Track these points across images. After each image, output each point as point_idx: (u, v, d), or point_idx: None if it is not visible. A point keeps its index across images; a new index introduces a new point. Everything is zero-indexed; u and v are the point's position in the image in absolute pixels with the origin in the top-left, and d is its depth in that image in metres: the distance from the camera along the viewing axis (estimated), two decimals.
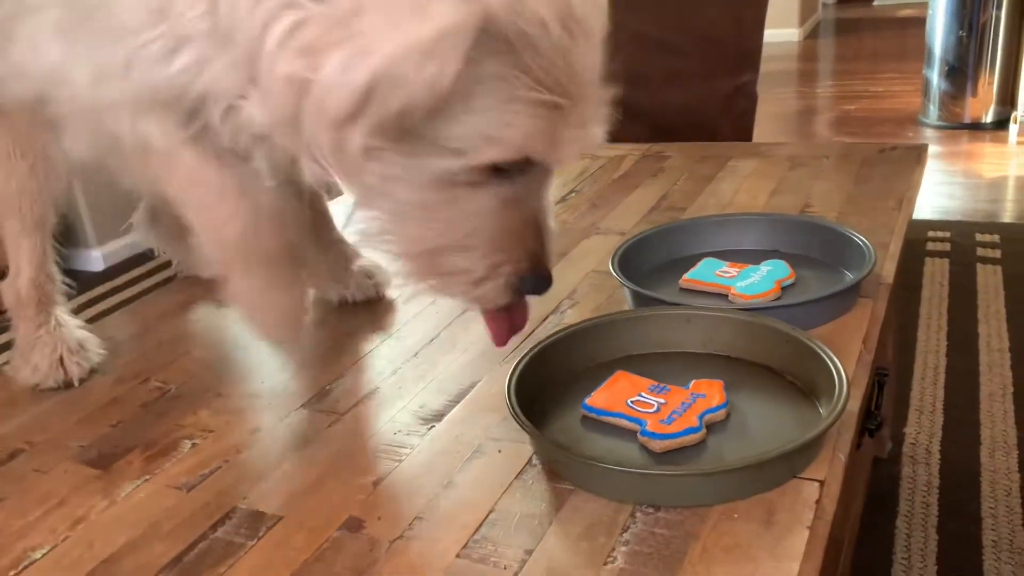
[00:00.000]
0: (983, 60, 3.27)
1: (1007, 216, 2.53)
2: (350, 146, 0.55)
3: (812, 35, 5.86)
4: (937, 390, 1.63)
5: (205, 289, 1.07)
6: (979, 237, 2.29)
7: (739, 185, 1.26)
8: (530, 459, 0.69)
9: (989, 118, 3.32)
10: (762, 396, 0.74)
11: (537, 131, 0.58)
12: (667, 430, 0.68)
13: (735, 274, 0.92)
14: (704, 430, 0.69)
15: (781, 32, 5.51)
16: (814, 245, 0.98)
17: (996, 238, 2.28)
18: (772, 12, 5.35)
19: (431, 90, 0.52)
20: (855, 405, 0.71)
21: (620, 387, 0.75)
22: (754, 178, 1.28)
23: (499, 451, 0.71)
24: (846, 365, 0.77)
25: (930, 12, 3.36)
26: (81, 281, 2.42)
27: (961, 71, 3.30)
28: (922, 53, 3.42)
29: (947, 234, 2.33)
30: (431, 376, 0.84)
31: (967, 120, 3.34)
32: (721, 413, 0.71)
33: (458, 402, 0.79)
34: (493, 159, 0.58)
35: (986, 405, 1.57)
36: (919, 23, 3.46)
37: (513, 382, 0.72)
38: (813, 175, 1.27)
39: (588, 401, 0.73)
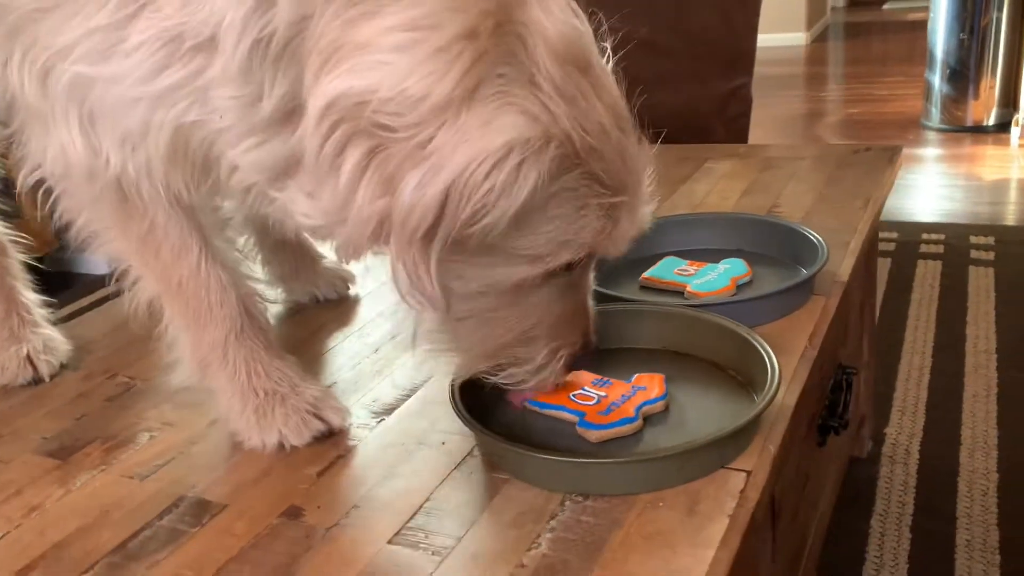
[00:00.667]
0: (984, 63, 3.26)
1: (1009, 219, 2.53)
2: (430, 261, 0.56)
3: (820, 38, 5.86)
4: (920, 391, 1.63)
5: None
6: (973, 239, 2.29)
7: (712, 186, 1.27)
8: (471, 451, 0.71)
9: (991, 121, 3.31)
10: (703, 390, 0.76)
11: (603, 229, 0.62)
12: (604, 420, 0.70)
13: (693, 272, 0.93)
14: (640, 421, 0.70)
15: (788, 36, 5.50)
16: (773, 244, 1.00)
17: (991, 240, 2.27)
18: (779, 15, 5.36)
19: (505, 201, 0.54)
20: (791, 399, 0.73)
21: (565, 381, 0.76)
22: (727, 179, 1.29)
23: (443, 443, 0.73)
24: (789, 360, 0.78)
25: (931, 15, 3.35)
26: (85, 284, 2.45)
27: (963, 74, 3.29)
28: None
29: (941, 236, 2.33)
30: (387, 372, 0.86)
31: (969, 123, 3.33)
32: (659, 405, 0.72)
33: (410, 396, 0.81)
34: (567, 261, 0.62)
35: (969, 406, 1.57)
36: (927, 27, 3.46)
37: (458, 381, 0.74)
38: (787, 176, 1.28)
39: (533, 396, 0.75)
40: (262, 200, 0.65)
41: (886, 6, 6.81)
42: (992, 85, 3.29)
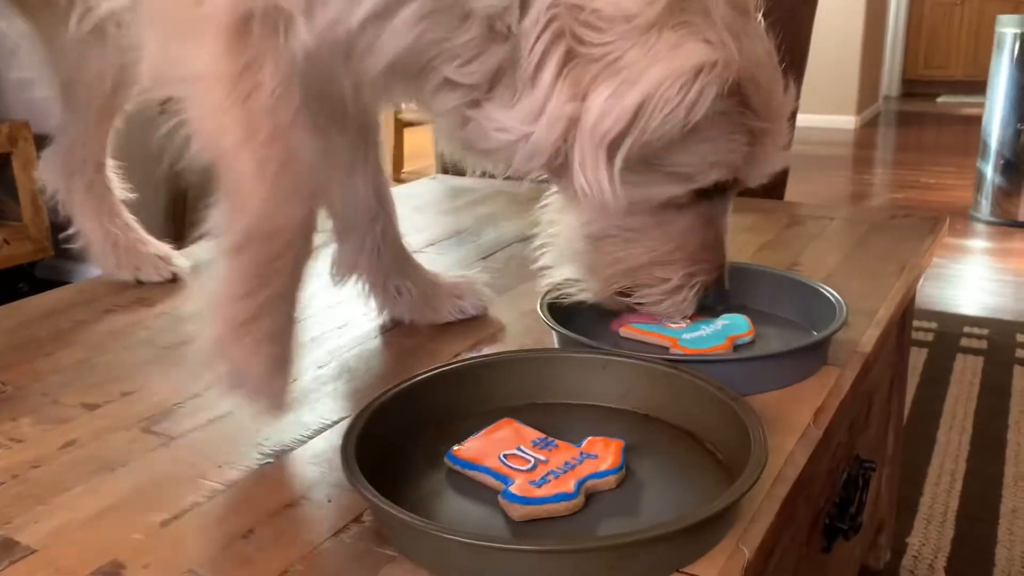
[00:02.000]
0: None
1: None
2: (614, 167, 0.62)
3: (870, 124, 5.72)
4: (951, 498, 1.44)
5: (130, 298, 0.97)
6: (1020, 338, 2.10)
7: (729, 237, 1.12)
8: (362, 515, 0.55)
9: None
10: (671, 465, 0.60)
11: (748, 154, 0.68)
12: (533, 493, 0.54)
13: (684, 325, 0.78)
14: (581, 498, 0.54)
15: (837, 119, 5.38)
16: (784, 302, 0.84)
17: None
18: (829, 96, 5.26)
19: (687, 116, 0.60)
20: (782, 488, 0.56)
21: (499, 437, 0.61)
22: (746, 232, 1.14)
23: (328, 500, 0.57)
24: (785, 440, 0.62)
25: (987, 103, 3.20)
26: None
27: (1017, 167, 3.12)
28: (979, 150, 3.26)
29: (985, 331, 2.14)
30: (297, 406, 0.70)
31: (1021, 218, 3.15)
32: (610, 480, 0.56)
33: (314, 437, 0.66)
34: (714, 181, 0.68)
35: (1006, 522, 1.37)
36: (981, 121, 3.30)
37: (364, 420, 0.59)
38: (811, 235, 1.12)
39: (455, 451, 0.59)
40: (452, 124, 0.68)
41: (940, 99, 6.67)
42: None
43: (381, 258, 0.87)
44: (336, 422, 0.68)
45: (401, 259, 0.88)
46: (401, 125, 4.00)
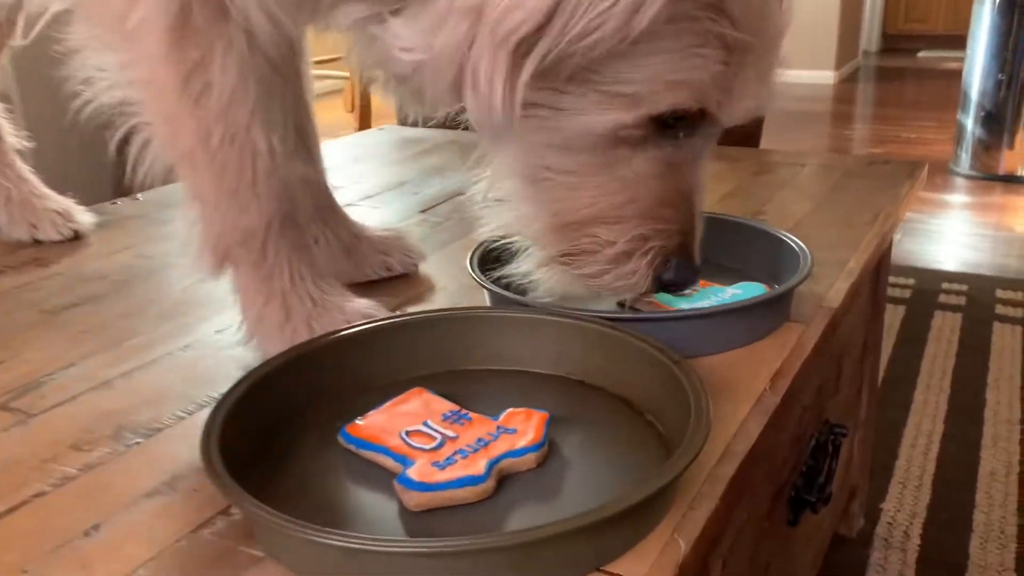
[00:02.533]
0: (1022, 113, 3.01)
1: None
2: (519, 78, 0.49)
3: (849, 79, 5.62)
4: (928, 461, 1.37)
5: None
6: (1000, 293, 2.03)
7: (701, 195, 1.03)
8: (229, 507, 0.47)
9: None
10: (603, 440, 0.51)
11: (721, 78, 0.52)
12: (434, 477, 0.45)
13: (690, 293, 0.66)
14: (491, 482, 0.46)
15: (816, 74, 5.28)
16: (742, 252, 0.75)
17: (1020, 296, 2.01)
18: (807, 51, 5.16)
19: (628, 21, 0.47)
20: (729, 466, 0.48)
21: (404, 411, 0.52)
22: (711, 180, 1.04)
23: (195, 489, 0.48)
24: (737, 408, 0.54)
25: (968, 53, 3.11)
26: None
27: (998, 119, 3.04)
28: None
29: (964, 287, 2.07)
30: (171, 379, 0.61)
31: (1001, 172, 3.07)
32: (529, 459, 0.48)
33: (195, 413, 0.57)
34: (671, 106, 0.52)
35: (985, 485, 1.31)
36: (961, 76, 3.20)
37: (241, 392, 0.50)
38: (780, 183, 1.03)
39: (349, 427, 0.51)
40: (360, 44, 0.58)
41: (921, 54, 6.58)
42: None
43: (308, 195, 0.76)
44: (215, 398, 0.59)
45: (324, 205, 0.78)
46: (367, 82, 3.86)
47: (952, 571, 1.14)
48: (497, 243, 0.72)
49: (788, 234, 0.72)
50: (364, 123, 3.90)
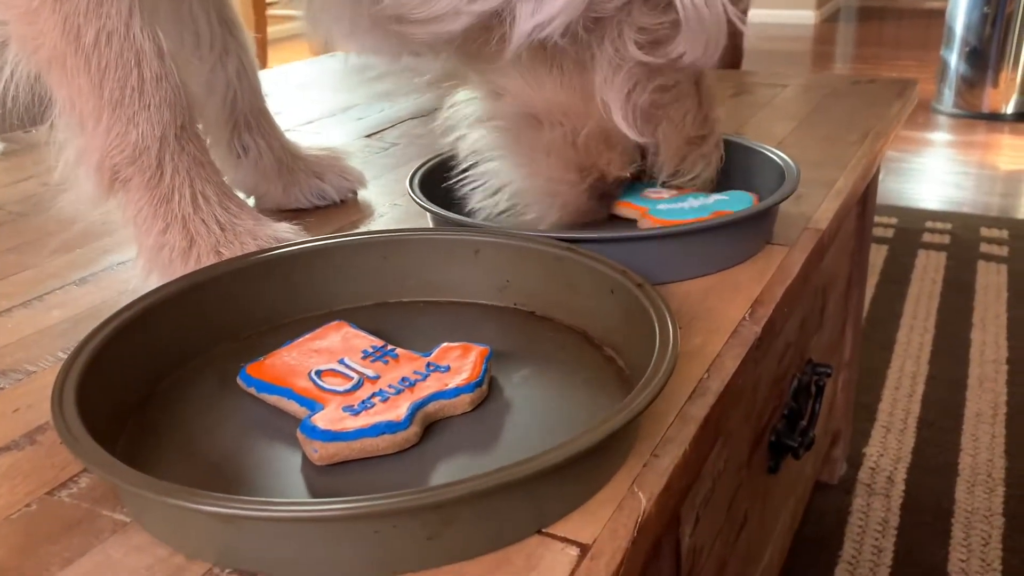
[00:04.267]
0: (1007, 49, 2.92)
1: (1021, 212, 2.20)
2: None
3: (830, 19, 5.50)
4: (912, 403, 1.31)
5: None
6: (985, 232, 1.97)
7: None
8: None
9: (1009, 109, 2.97)
10: (554, 379, 0.43)
11: None
12: (343, 425, 0.37)
13: (667, 196, 0.60)
14: (415, 429, 0.38)
15: (795, 13, 5.15)
16: (725, 169, 0.67)
17: (1004, 234, 1.95)
18: None
19: None
20: (700, 406, 0.40)
21: (318, 347, 0.44)
22: None
23: (60, 442, 0.40)
24: (711, 339, 0.46)
25: None
26: None
27: (982, 55, 2.95)
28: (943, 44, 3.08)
29: (948, 226, 2.00)
30: (55, 317, 0.53)
31: (985, 110, 2.99)
32: (463, 401, 0.40)
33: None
34: None
35: (970, 427, 1.25)
36: (944, 15, 3.10)
37: (116, 327, 0.41)
38: (759, 103, 0.95)
39: (250, 367, 0.42)
40: None
41: None
42: (1013, 77, 2.95)
43: (233, 104, 0.67)
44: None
45: (257, 111, 0.69)
46: (264, 45, 3.71)
47: (938, 517, 1.08)
48: (443, 162, 0.64)
49: (771, 148, 0.64)
50: None
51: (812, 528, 1.05)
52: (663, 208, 0.59)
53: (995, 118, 2.99)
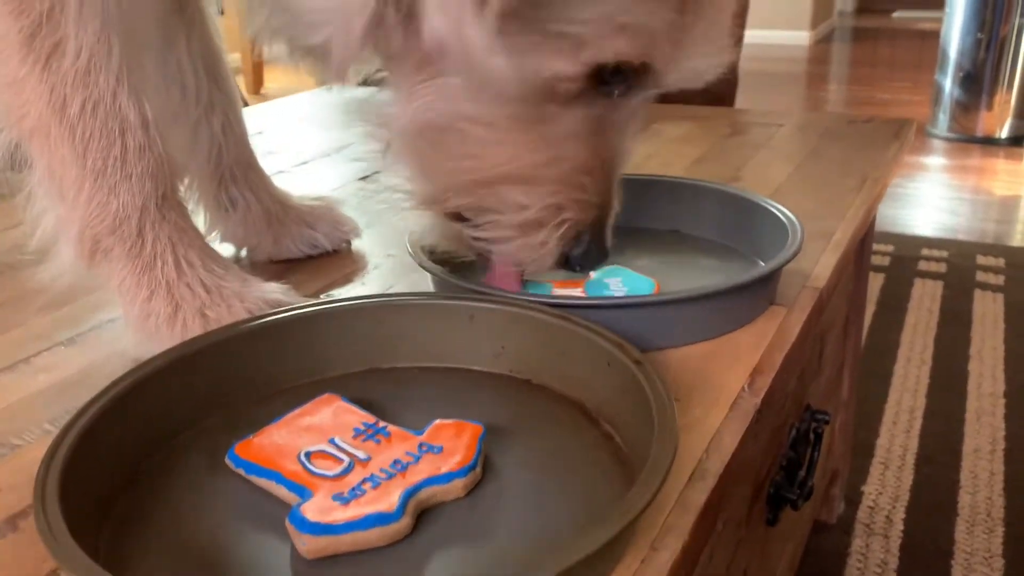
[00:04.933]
0: (1001, 73, 2.94)
1: (1017, 240, 2.21)
2: (484, 18, 0.43)
3: (825, 40, 5.53)
4: (910, 439, 1.31)
5: None
6: (981, 260, 1.97)
7: (656, 149, 0.94)
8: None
9: (1004, 133, 2.99)
10: (549, 458, 0.42)
11: (673, 29, 0.46)
12: (334, 516, 0.36)
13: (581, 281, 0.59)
14: (407, 520, 0.37)
15: (790, 34, 5.18)
16: (724, 224, 0.66)
17: (1001, 262, 1.95)
18: (782, 12, 5.08)
19: None
20: (699, 492, 0.39)
21: (308, 424, 0.43)
22: (678, 143, 0.96)
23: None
24: (710, 412, 0.45)
25: (948, 11, 3.02)
26: None
27: (976, 79, 2.97)
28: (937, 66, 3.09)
29: (944, 253, 2.00)
30: (42, 382, 0.52)
31: (979, 134, 3.01)
32: (456, 486, 0.39)
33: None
34: (616, 55, 0.46)
35: (969, 463, 1.25)
36: (938, 36, 3.12)
37: (108, 401, 0.41)
38: (755, 144, 0.95)
39: (239, 447, 0.41)
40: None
41: (896, 14, 6.49)
42: (1007, 99, 2.96)
43: (219, 158, 0.67)
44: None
45: (244, 164, 0.68)
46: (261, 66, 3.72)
47: (937, 558, 1.07)
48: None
49: (772, 202, 0.64)
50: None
51: (811, 570, 1.04)
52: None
53: (989, 142, 3.01)
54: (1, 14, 0.46)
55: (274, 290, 0.54)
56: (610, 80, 0.48)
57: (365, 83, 0.59)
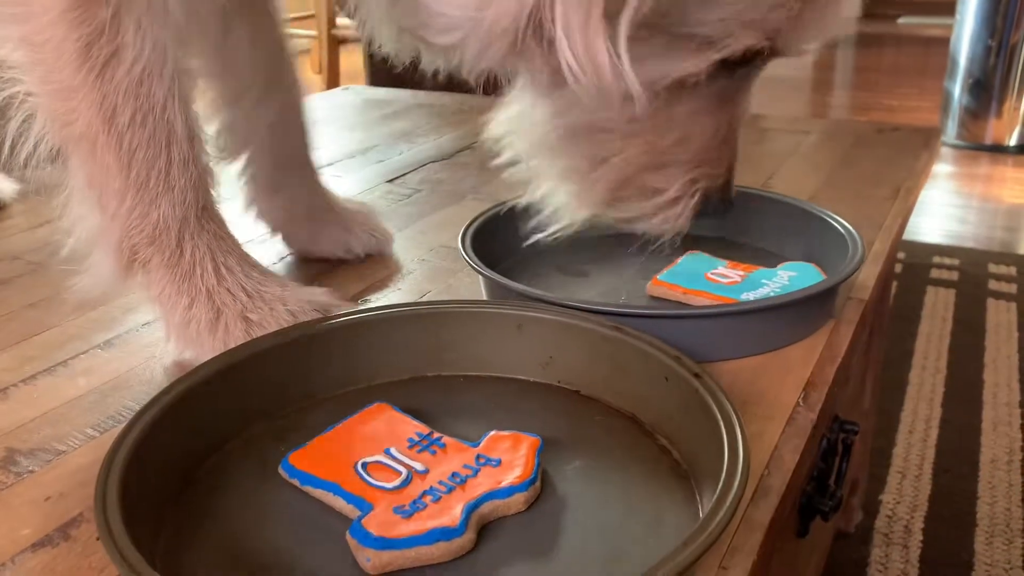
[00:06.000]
0: (1011, 80, 2.93)
1: None
2: (614, 39, 0.44)
3: (829, 45, 5.52)
4: (927, 449, 1.30)
5: None
6: (993, 268, 1.96)
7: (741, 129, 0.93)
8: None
9: (1013, 141, 2.98)
10: (608, 472, 0.42)
11: (791, 11, 0.47)
12: (397, 529, 0.36)
13: (739, 279, 0.59)
14: (470, 534, 0.36)
15: None
16: (776, 233, 0.66)
17: (1012, 270, 1.95)
18: None
19: None
20: (765, 511, 0.39)
21: (363, 434, 0.42)
22: None
23: (98, 538, 0.38)
24: (767, 428, 0.44)
25: (957, 19, 3.02)
26: None
27: (986, 86, 2.96)
28: (943, 72, 3.08)
29: (956, 261, 2.00)
30: (82, 386, 0.51)
31: (988, 142, 3.00)
32: (518, 500, 0.38)
33: (105, 432, 0.46)
34: (748, 47, 0.48)
35: (987, 473, 1.24)
36: (944, 43, 3.11)
37: (158, 413, 0.40)
38: (785, 151, 0.94)
39: (293, 457, 0.41)
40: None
41: (901, 20, 6.49)
42: (1017, 104, 2.96)
43: (278, 141, 0.67)
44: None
45: (299, 155, 0.69)
46: (336, 42, 3.71)
47: (957, 569, 1.06)
48: (494, 215, 0.63)
49: (831, 214, 0.63)
50: (332, 84, 3.75)
51: None
52: (751, 298, 0.56)
53: (999, 150, 3.00)
54: (61, 22, 0.46)
55: (316, 293, 0.53)
56: (734, 63, 0.49)
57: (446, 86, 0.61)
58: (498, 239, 0.64)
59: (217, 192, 0.54)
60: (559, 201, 0.57)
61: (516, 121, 0.56)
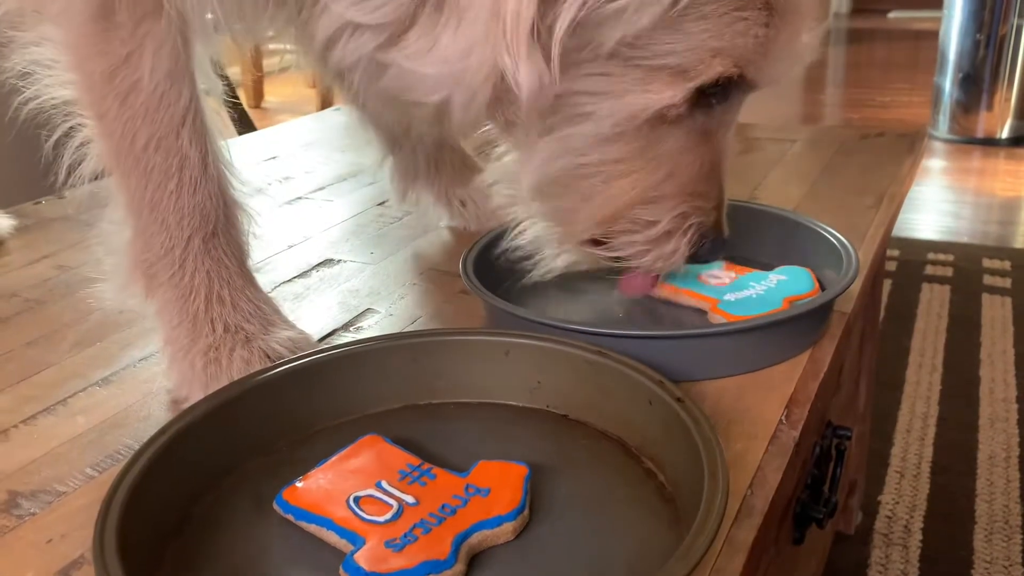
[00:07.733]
0: (1000, 72, 2.95)
1: (1020, 241, 2.21)
2: (552, 47, 0.45)
3: (820, 42, 5.54)
4: (924, 447, 1.31)
5: None
6: (987, 263, 1.97)
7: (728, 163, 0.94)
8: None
9: (1004, 134, 2.99)
10: (595, 497, 0.43)
11: (761, 41, 0.49)
12: (389, 564, 0.37)
13: (728, 280, 0.62)
14: (460, 567, 0.37)
15: None
16: (764, 244, 0.67)
17: (1007, 265, 1.96)
18: None
19: None
20: (747, 530, 0.40)
21: (354, 467, 0.43)
22: None
23: (48, 541, 0.39)
24: (750, 447, 0.45)
25: (946, 13, 3.03)
26: None
27: (976, 80, 2.97)
28: (934, 66, 3.10)
29: (950, 257, 2.01)
30: (81, 424, 0.52)
31: (980, 135, 3.01)
32: (507, 530, 0.39)
33: (104, 471, 0.47)
34: (718, 76, 0.49)
35: (985, 471, 1.25)
36: (934, 36, 3.13)
37: (155, 451, 0.41)
38: (770, 161, 0.95)
39: (287, 492, 0.42)
40: (367, 77, 0.52)
41: (891, 15, 6.50)
42: (1007, 97, 2.97)
43: (440, 166, 0.80)
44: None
45: (464, 167, 0.81)
46: None
47: (957, 567, 1.07)
48: (495, 240, 0.65)
49: (823, 225, 0.65)
50: (326, 99, 3.76)
51: None
52: (731, 299, 0.59)
53: (990, 143, 3.01)
54: (88, 56, 0.51)
55: (288, 336, 0.55)
56: (710, 93, 0.51)
57: None
58: (501, 259, 0.65)
59: (248, 222, 0.57)
60: (549, 241, 0.59)
61: (507, 169, 0.59)
